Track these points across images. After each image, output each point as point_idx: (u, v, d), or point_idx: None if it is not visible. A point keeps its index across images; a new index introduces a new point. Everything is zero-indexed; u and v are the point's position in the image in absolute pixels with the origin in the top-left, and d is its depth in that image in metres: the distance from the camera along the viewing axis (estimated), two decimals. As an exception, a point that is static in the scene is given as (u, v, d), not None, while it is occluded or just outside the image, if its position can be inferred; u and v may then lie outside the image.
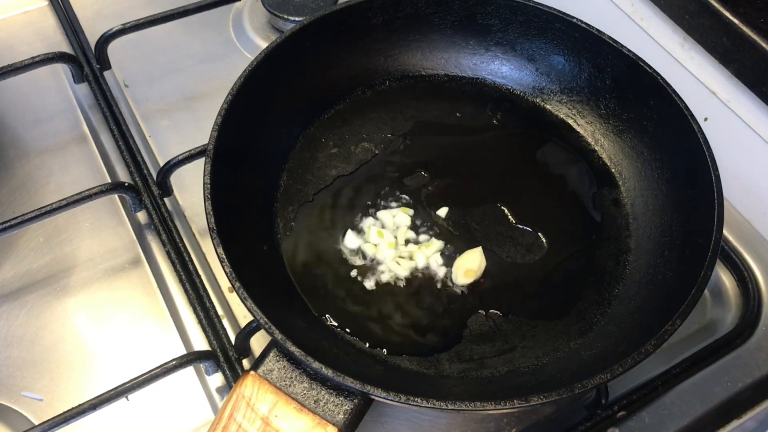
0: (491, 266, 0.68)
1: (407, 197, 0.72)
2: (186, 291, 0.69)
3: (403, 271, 0.67)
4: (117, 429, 0.63)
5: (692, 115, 0.67)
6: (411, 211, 0.71)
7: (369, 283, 0.66)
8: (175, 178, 0.75)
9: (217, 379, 0.66)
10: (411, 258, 0.68)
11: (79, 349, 0.67)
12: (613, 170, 0.75)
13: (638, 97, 0.73)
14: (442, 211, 0.71)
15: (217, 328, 0.66)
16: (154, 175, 0.75)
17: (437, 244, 0.68)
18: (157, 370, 0.60)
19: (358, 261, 0.68)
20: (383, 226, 0.69)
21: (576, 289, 0.68)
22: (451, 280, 0.67)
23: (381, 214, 0.70)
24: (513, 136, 0.78)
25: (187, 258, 0.70)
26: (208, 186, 0.61)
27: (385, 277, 0.67)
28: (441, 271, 0.67)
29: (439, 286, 0.67)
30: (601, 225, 0.72)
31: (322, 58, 0.76)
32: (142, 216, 0.76)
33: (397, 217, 0.70)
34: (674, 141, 0.70)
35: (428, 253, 0.68)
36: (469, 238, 0.70)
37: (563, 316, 0.66)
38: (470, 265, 0.67)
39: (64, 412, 0.58)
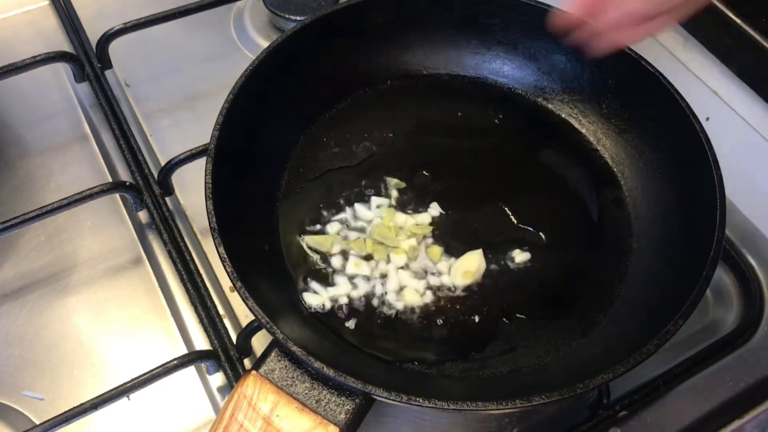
0: (493, 266, 0.68)
1: (407, 197, 0.72)
2: (187, 290, 0.69)
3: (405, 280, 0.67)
4: (118, 428, 0.63)
5: (694, 115, 0.67)
6: (428, 225, 0.70)
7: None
8: (177, 178, 0.75)
9: (218, 379, 0.66)
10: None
11: (80, 348, 0.67)
12: (614, 170, 0.75)
13: (640, 97, 0.73)
14: (434, 210, 0.71)
15: (218, 327, 0.66)
16: (156, 175, 0.75)
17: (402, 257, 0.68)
18: (159, 370, 0.60)
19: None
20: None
21: (578, 289, 0.67)
22: (451, 280, 0.67)
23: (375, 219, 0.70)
24: (515, 135, 0.78)
25: (188, 257, 0.70)
26: (210, 185, 0.61)
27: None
28: (441, 272, 0.67)
29: (439, 286, 0.67)
30: (603, 224, 0.71)
31: (323, 57, 0.76)
32: (143, 215, 0.76)
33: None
34: (676, 140, 0.70)
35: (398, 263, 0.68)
36: (470, 238, 0.70)
37: (565, 315, 0.66)
38: (469, 267, 0.67)
39: (65, 412, 0.58)
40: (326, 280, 0.66)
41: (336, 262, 0.67)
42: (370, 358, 0.62)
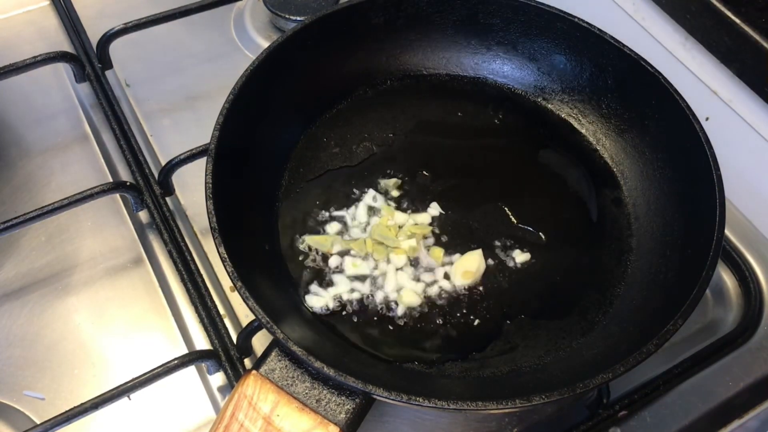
0: (493, 266, 0.68)
1: (407, 197, 0.72)
2: (187, 290, 0.69)
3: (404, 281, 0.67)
4: (119, 428, 0.63)
5: (694, 115, 0.67)
6: (428, 225, 0.70)
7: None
8: (177, 178, 0.75)
9: (218, 379, 0.66)
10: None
11: (81, 348, 0.67)
12: (614, 170, 0.75)
13: (640, 97, 0.73)
14: (434, 210, 0.71)
15: (218, 327, 0.66)
16: (156, 175, 0.75)
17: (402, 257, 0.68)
18: (159, 370, 0.60)
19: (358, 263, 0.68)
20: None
21: (578, 289, 0.67)
22: (450, 280, 0.67)
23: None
24: (514, 135, 0.78)
25: (188, 257, 0.70)
26: (210, 185, 0.61)
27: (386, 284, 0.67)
28: (441, 272, 0.67)
29: (439, 286, 0.67)
30: (603, 224, 0.71)
31: (323, 57, 0.76)
32: (143, 215, 0.76)
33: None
34: (676, 140, 0.70)
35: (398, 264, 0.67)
36: (470, 238, 0.70)
37: (565, 315, 0.66)
38: (468, 267, 0.67)
39: (66, 411, 0.58)
40: (327, 280, 0.66)
41: (336, 262, 0.67)
42: (370, 357, 0.62)
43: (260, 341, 0.66)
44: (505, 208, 0.72)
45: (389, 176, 0.73)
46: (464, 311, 0.65)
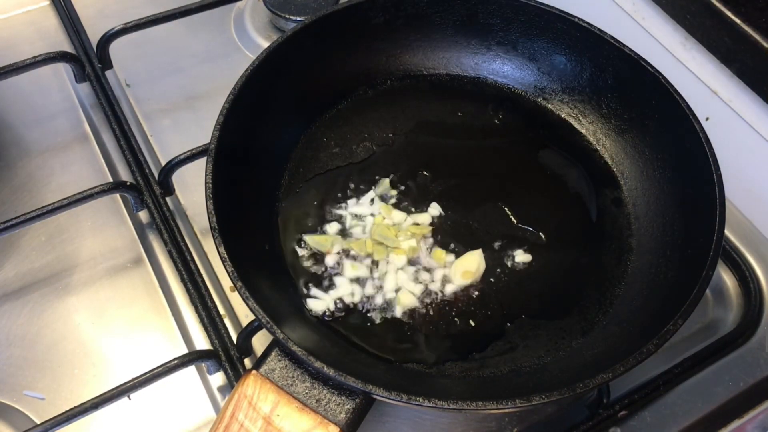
0: (492, 266, 0.68)
1: (407, 197, 0.72)
2: (188, 290, 0.69)
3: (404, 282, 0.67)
4: (118, 428, 0.63)
5: (694, 115, 0.67)
6: (428, 225, 0.70)
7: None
8: (177, 178, 0.75)
9: (218, 379, 0.66)
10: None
11: (81, 348, 0.67)
12: (614, 170, 0.75)
13: (640, 97, 0.73)
14: (434, 210, 0.71)
15: (218, 327, 0.66)
16: (156, 175, 0.75)
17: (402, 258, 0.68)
18: (159, 369, 0.60)
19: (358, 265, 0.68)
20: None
21: (578, 289, 0.67)
22: (450, 280, 0.67)
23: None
24: (514, 135, 0.78)
25: (188, 257, 0.70)
26: (210, 185, 0.61)
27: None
28: (441, 272, 0.67)
29: (439, 286, 0.67)
30: (603, 224, 0.71)
31: (323, 57, 0.76)
32: (143, 215, 0.76)
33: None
34: (676, 140, 0.70)
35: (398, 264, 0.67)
36: (470, 238, 0.70)
37: (565, 315, 0.66)
38: (468, 267, 0.67)
39: (66, 411, 0.58)
40: (327, 282, 0.66)
41: (336, 262, 0.67)
42: (370, 357, 0.62)
43: (260, 341, 0.66)
44: (505, 208, 0.72)
45: (389, 176, 0.73)
46: (464, 311, 0.65)
